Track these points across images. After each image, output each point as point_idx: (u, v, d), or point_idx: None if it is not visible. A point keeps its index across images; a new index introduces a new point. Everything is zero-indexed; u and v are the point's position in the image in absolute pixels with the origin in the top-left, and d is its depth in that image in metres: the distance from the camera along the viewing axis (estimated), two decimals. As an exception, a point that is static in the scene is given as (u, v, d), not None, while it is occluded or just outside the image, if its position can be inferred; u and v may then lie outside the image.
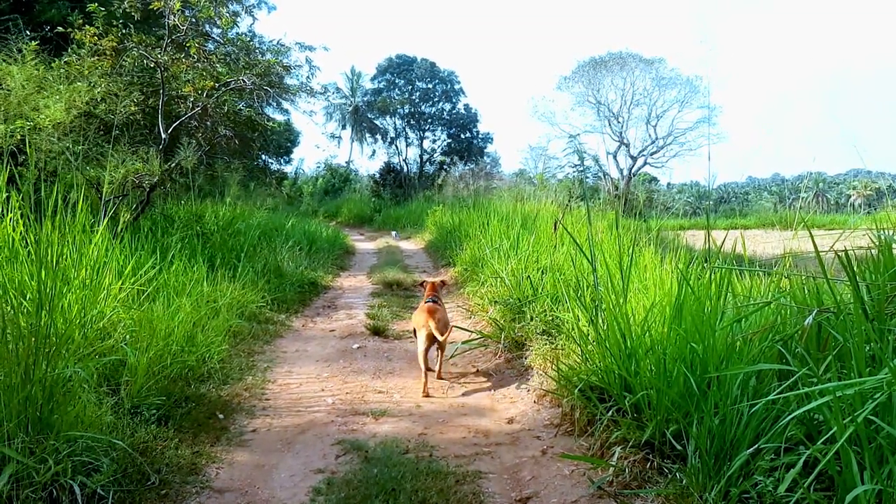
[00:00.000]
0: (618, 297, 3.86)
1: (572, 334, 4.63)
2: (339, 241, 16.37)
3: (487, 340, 5.91)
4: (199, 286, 6.71)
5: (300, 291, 9.10)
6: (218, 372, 5.04)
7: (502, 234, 10.06)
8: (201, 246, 8.43)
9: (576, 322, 4.55)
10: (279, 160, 31.95)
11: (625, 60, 39.92)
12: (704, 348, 3.10)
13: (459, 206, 20.08)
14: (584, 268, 5.43)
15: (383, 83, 35.30)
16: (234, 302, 6.99)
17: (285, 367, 5.60)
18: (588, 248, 4.32)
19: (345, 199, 33.99)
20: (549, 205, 13.69)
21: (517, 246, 7.47)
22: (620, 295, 3.87)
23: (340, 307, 8.60)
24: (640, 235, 9.71)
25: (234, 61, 8.86)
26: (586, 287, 4.73)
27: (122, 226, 7.46)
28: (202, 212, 10.80)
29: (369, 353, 6.04)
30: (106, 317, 4.57)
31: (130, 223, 8.14)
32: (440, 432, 4.07)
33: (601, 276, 4.48)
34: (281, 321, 7.34)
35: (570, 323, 4.84)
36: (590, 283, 4.67)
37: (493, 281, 7.29)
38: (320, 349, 6.25)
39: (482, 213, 12.55)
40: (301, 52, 9.05)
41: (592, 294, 4.22)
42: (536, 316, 5.57)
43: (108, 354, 4.23)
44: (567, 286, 5.43)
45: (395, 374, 5.39)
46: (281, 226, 12.79)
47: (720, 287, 3.31)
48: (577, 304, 4.58)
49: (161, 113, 8.22)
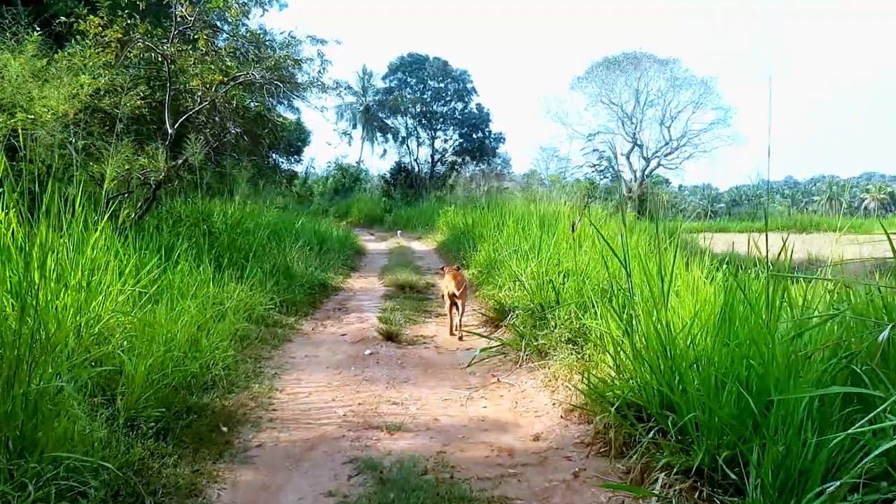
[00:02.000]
0: (656, 305, 3.53)
1: (602, 344, 4.30)
2: (350, 241, 16.10)
3: (507, 348, 5.58)
4: (205, 287, 6.43)
5: (310, 293, 8.82)
6: (223, 379, 4.74)
7: (519, 235, 9.73)
8: (208, 245, 8.16)
9: (606, 331, 4.21)
10: (290, 159, 31.75)
11: (639, 60, 39.51)
12: (763, 365, 2.77)
13: (471, 206, 19.79)
14: (613, 272, 5.09)
15: (395, 82, 35.04)
16: (242, 304, 6.71)
17: (294, 374, 5.29)
18: (621, 251, 3.99)
19: (355, 198, 33.76)
20: (565, 206, 13.36)
21: (538, 248, 7.13)
22: (659, 302, 3.53)
23: (351, 310, 8.30)
24: (662, 238, 9.37)
25: (244, 55, 8.58)
26: (617, 293, 4.39)
27: (126, 223, 7.20)
28: (210, 210, 10.54)
29: (382, 360, 5.73)
30: (103, 321, 4.29)
31: (135, 221, 7.89)
32: (460, 450, 3.75)
33: (634, 282, 4.16)
34: (290, 324, 7.05)
35: (598, 331, 4.50)
36: (622, 288, 4.34)
37: (512, 284, 6.96)
38: (331, 355, 5.94)
39: (497, 213, 12.22)
40: (313, 46, 8.77)
41: (626, 301, 3.89)
42: (561, 323, 5.23)
43: (105, 362, 3.94)
44: (594, 291, 5.10)
45: (410, 382, 5.07)
46: (291, 225, 12.51)
47: (776, 296, 2.97)
48: (608, 311, 4.23)
49: (167, 107, 7.95)
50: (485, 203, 16.98)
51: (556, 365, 4.82)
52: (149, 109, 9.04)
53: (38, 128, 6.58)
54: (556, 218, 11.22)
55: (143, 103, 8.93)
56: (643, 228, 9.93)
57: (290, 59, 8.21)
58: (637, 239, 7.94)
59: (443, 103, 34.92)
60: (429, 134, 35.42)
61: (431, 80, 34.60)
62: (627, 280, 3.81)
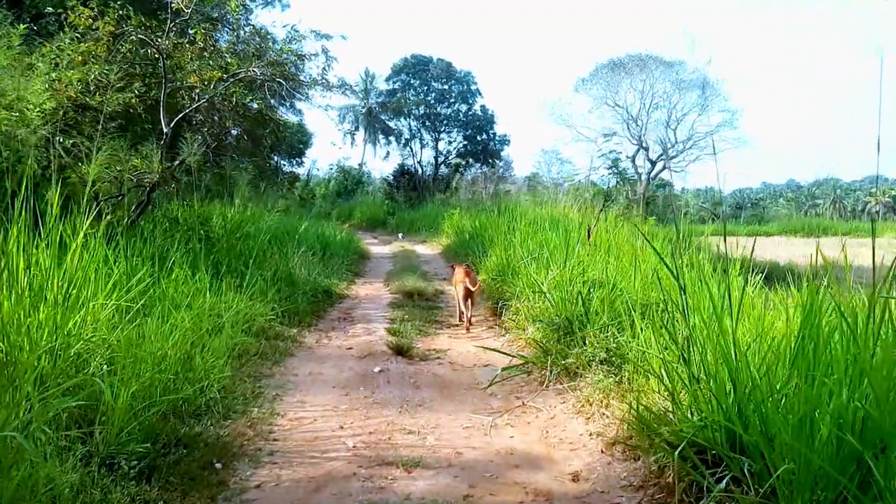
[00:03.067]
0: (719, 327, 3.04)
1: (646, 367, 3.81)
2: (354, 245, 15.61)
3: (531, 366, 5.09)
4: (201, 297, 5.96)
5: (313, 301, 8.33)
6: (218, 403, 4.26)
7: (532, 240, 9.25)
8: (206, 251, 7.69)
9: (655, 354, 3.72)
10: (291, 161, 31.33)
11: (644, 62, 39.00)
12: (872, 402, 2.28)
13: (477, 209, 19.31)
14: (651, 283, 4.61)
15: (398, 83, 34.53)
16: (241, 315, 6.22)
17: (297, 395, 4.80)
18: (672, 262, 3.50)
19: (358, 201, 33.33)
20: (575, 209, 12.88)
21: (565, 254, 6.63)
22: (723, 323, 3.04)
23: (357, 320, 7.81)
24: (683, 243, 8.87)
25: (245, 51, 8.11)
26: (666, 310, 3.90)
27: (116, 228, 6.73)
28: (209, 214, 10.07)
29: (393, 379, 5.23)
30: (83, 340, 3.81)
31: (129, 226, 7.43)
32: (490, 493, 3.25)
33: (673, 294, 3.67)
34: (292, 336, 6.56)
35: (640, 351, 4.02)
36: (667, 301, 3.85)
37: (531, 294, 6.46)
38: (337, 372, 5.45)
39: (508, 217, 11.73)
40: (317, 42, 8.28)
41: (679, 320, 3.40)
42: (593, 340, 4.73)
43: (84, 388, 3.46)
44: (630, 305, 4.61)
45: (426, 406, 4.57)
46: (293, 229, 12.03)
47: (877, 318, 2.48)
48: (657, 331, 3.74)
49: (163, 105, 7.48)
50: (493, 206, 16.51)
51: (588, 388, 4.33)
52: (144, 108, 8.58)
53: (22, 126, 6.12)
54: (567, 222, 10.75)
55: (137, 101, 8.49)
56: (659, 233, 9.47)
57: (292, 55, 7.72)
58: (660, 246, 7.47)
59: (447, 105, 34.41)
60: (432, 136, 34.90)
61: (435, 82, 34.09)
62: (681, 297, 3.31)
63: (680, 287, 3.32)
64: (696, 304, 3.61)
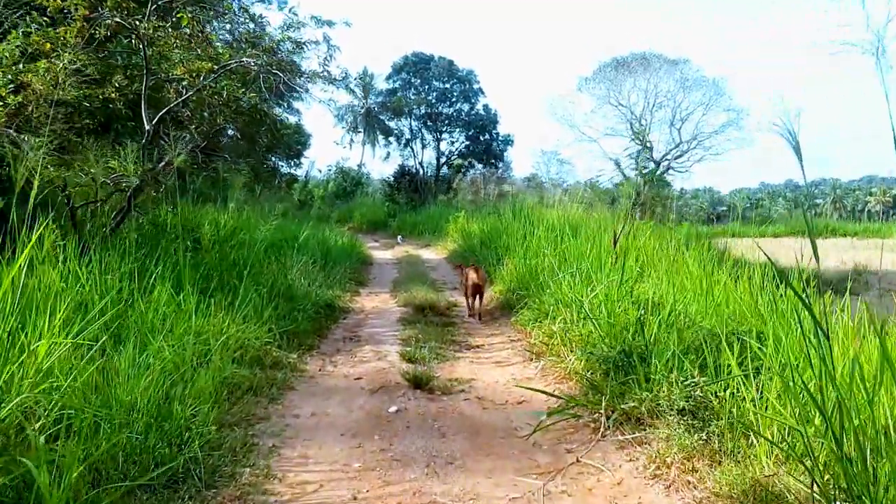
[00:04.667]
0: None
1: (750, 426, 2.96)
2: (357, 250, 14.76)
3: (579, 408, 4.23)
4: (184, 321, 5.12)
5: (315, 318, 7.48)
6: (200, 464, 3.40)
7: (556, 248, 8.41)
8: (194, 263, 6.84)
9: (776, 418, 2.86)
10: (290, 163, 30.53)
11: (648, 61, 38.31)
12: None
13: (483, 211, 18.47)
14: (724, 305, 3.76)
15: (399, 82, 33.67)
16: (232, 340, 5.38)
17: (298, 446, 3.94)
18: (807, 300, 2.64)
19: (357, 203, 32.51)
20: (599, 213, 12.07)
21: (600, 265, 5.78)
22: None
23: (365, 339, 6.96)
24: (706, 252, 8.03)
25: (237, 40, 7.26)
26: (743, 340, 3.05)
27: (88, 240, 5.89)
28: (201, 220, 9.22)
29: (413, 423, 4.36)
30: (22, 394, 2.96)
31: (107, 236, 6.58)
32: None
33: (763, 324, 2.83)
34: (291, 364, 5.71)
35: (747, 410, 3.16)
36: (753, 332, 3.00)
37: (567, 313, 5.61)
38: (345, 412, 4.59)
39: (523, 221, 10.87)
40: (318, 29, 7.42)
41: (822, 379, 2.54)
42: (660, 380, 3.87)
43: (13, 469, 2.61)
44: (706, 337, 3.76)
45: (458, 465, 3.70)
46: (292, 236, 11.16)
47: None
48: (785, 393, 2.88)
49: (144, 99, 6.62)
50: (502, 208, 15.67)
51: (662, 443, 3.47)
52: (125, 103, 7.74)
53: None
54: (587, 226, 9.93)
55: (118, 96, 7.65)
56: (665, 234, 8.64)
57: (289, 41, 6.85)
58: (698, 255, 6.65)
59: (448, 104, 33.55)
60: (434, 136, 34.03)
61: (437, 81, 33.24)
62: (821, 345, 2.46)
63: (822, 335, 2.45)
64: (781, 336, 2.77)
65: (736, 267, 5.91)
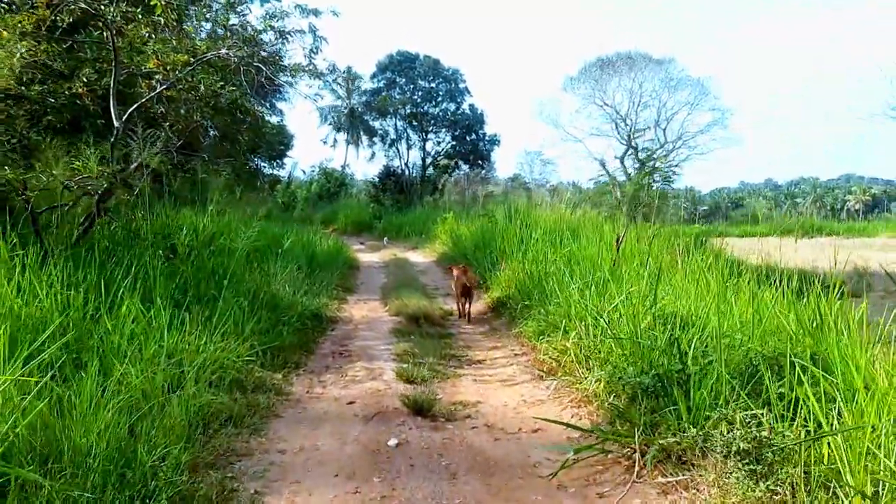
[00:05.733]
0: None
1: (848, 485, 2.46)
2: (343, 254, 14.18)
3: (608, 443, 3.72)
4: (156, 339, 4.56)
5: (301, 331, 6.92)
6: (168, 521, 2.85)
7: (558, 251, 7.92)
8: (170, 273, 6.28)
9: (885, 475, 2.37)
10: (273, 164, 29.85)
11: (633, 60, 38.08)
12: None
13: (471, 213, 17.97)
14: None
15: (383, 82, 33.07)
16: (210, 361, 4.81)
17: (285, 492, 3.40)
18: None
19: (342, 204, 31.87)
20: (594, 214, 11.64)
21: (607, 271, 5.28)
22: None
23: (356, 354, 6.41)
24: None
25: (214, 30, 6.68)
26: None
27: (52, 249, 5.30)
28: (178, 224, 8.59)
29: (417, 460, 3.82)
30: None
31: (76, 242, 5.99)
32: None
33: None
34: (276, 386, 5.15)
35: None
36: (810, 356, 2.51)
37: (581, 327, 5.10)
38: (337, 445, 4.05)
39: (519, 223, 10.35)
40: (303, 18, 6.85)
41: None
42: (711, 412, 3.36)
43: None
44: (754, 360, 3.27)
45: (473, 512, 3.19)
46: (276, 240, 10.57)
47: None
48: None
49: (113, 93, 6.02)
50: (491, 209, 15.17)
51: (715, 490, 2.97)
52: (94, 99, 7.14)
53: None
54: (585, 228, 9.47)
55: (86, 91, 7.07)
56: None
57: (272, 30, 6.28)
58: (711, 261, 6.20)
59: (434, 104, 33.01)
60: (420, 136, 33.48)
61: (422, 80, 32.69)
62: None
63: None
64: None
65: (755, 273, 5.46)
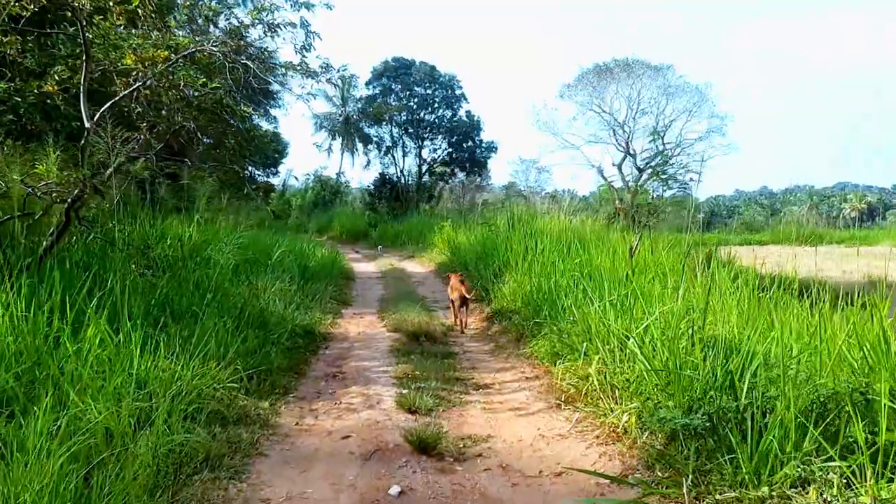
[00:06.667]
0: None
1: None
2: (337, 264, 13.61)
3: (654, 495, 3.15)
4: (123, 367, 3.99)
5: (291, 349, 6.37)
6: None
7: (568, 262, 7.38)
8: (149, 288, 5.72)
9: None
10: (266, 171, 29.32)
11: (631, 67, 37.64)
12: None
13: (469, 221, 17.40)
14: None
15: (379, 88, 32.57)
16: (187, 390, 4.23)
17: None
18: None
19: (336, 212, 31.36)
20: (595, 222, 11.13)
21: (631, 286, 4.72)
22: None
23: (351, 377, 5.85)
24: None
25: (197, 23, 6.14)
26: None
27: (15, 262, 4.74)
28: (164, 233, 7.99)
29: (425, 514, 3.26)
30: None
31: (43, 255, 5.41)
32: None
33: None
34: (262, 417, 4.57)
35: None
36: None
37: (606, 350, 4.54)
38: (331, 493, 3.47)
39: (524, 232, 9.80)
40: (294, 12, 6.32)
41: None
42: (785, 461, 2.80)
43: None
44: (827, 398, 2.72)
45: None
46: (266, 251, 9.99)
47: None
48: None
49: (84, 91, 5.46)
50: (491, 217, 14.62)
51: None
52: (65, 99, 6.60)
53: None
54: (592, 238, 8.95)
55: (58, 90, 6.54)
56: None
57: (260, 23, 5.74)
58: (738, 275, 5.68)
59: (430, 111, 32.52)
60: (416, 143, 32.97)
61: (418, 87, 32.20)
62: None
63: None
64: None
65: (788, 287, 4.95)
